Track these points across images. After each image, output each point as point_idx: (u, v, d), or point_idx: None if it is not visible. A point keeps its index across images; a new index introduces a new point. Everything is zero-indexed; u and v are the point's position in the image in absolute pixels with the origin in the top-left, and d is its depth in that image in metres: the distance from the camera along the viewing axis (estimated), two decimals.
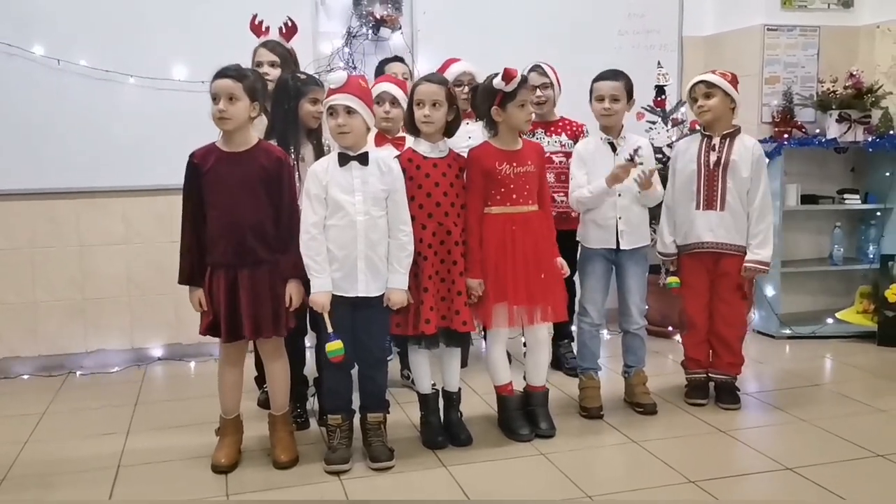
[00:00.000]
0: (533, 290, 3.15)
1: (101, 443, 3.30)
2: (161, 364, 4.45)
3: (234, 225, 2.88)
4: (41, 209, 4.28)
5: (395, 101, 3.43)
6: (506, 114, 3.12)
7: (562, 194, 3.87)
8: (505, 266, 3.12)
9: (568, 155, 3.98)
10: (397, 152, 3.25)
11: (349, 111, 2.88)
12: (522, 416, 3.30)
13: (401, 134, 3.49)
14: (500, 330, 3.22)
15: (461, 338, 3.16)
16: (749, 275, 3.50)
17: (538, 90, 3.89)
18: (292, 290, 2.96)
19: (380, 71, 4.00)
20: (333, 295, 2.91)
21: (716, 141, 3.53)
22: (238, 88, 2.85)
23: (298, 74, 3.37)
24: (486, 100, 3.14)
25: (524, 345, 3.73)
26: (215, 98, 2.85)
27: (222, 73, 2.87)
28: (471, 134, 3.57)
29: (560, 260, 3.27)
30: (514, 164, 3.14)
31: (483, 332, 3.37)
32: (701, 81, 3.51)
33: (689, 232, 3.58)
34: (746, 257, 3.48)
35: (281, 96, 3.27)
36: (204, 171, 2.88)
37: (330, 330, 2.89)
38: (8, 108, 4.15)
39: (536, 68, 3.98)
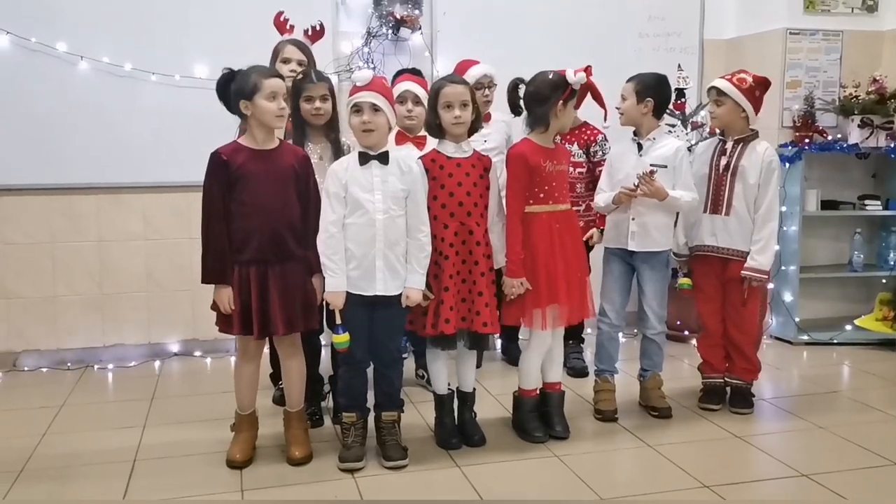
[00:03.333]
0: (576, 289, 3.18)
1: (117, 436, 3.33)
2: (177, 359, 4.48)
3: (270, 221, 2.89)
4: (61, 205, 4.32)
5: (417, 100, 3.45)
6: (564, 111, 3.13)
7: None
8: (556, 267, 3.12)
9: (575, 165, 3.97)
10: (418, 152, 3.26)
11: (375, 109, 2.90)
12: (537, 417, 3.29)
13: (422, 133, 3.50)
14: (545, 335, 3.20)
15: (482, 340, 3.15)
16: (748, 283, 3.47)
17: None
18: (317, 284, 2.98)
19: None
20: (351, 294, 2.92)
21: (728, 145, 3.52)
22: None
23: (300, 73, 3.38)
24: (551, 94, 3.10)
25: None
26: (274, 96, 2.88)
27: (275, 73, 2.96)
28: (486, 137, 3.56)
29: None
30: (554, 162, 3.15)
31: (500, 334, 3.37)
32: (713, 87, 3.50)
33: (696, 235, 3.59)
34: (745, 264, 3.46)
35: (293, 97, 3.29)
36: (234, 168, 2.88)
37: (339, 322, 2.91)
38: (30, 103, 4.19)
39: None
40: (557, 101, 3.10)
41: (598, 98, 3.95)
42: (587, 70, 3.10)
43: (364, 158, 2.93)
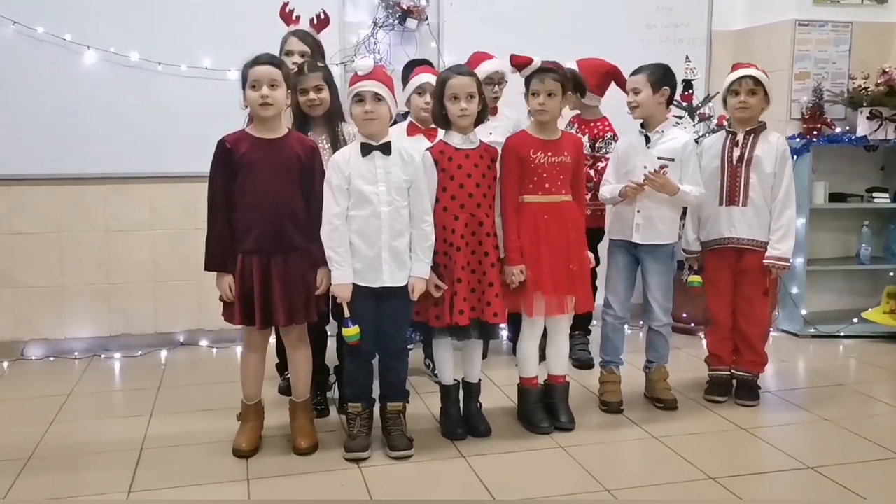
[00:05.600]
0: (561, 280, 3.15)
1: (124, 426, 3.34)
2: (184, 349, 4.49)
3: (271, 211, 2.88)
4: (68, 195, 4.32)
5: None
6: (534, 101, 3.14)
7: None
8: (538, 255, 3.12)
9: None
10: (428, 143, 3.25)
11: (378, 98, 2.89)
12: (542, 408, 3.29)
13: (433, 126, 3.49)
14: (537, 322, 3.22)
15: (491, 329, 3.16)
16: (776, 273, 3.46)
17: None
18: (324, 275, 2.97)
19: (408, 71, 3.93)
20: (357, 286, 2.92)
21: (740, 137, 3.51)
22: (279, 75, 2.88)
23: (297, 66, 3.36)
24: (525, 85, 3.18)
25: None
26: (255, 84, 2.84)
27: (263, 61, 2.88)
28: (492, 130, 3.56)
29: (588, 252, 3.27)
30: (550, 154, 3.14)
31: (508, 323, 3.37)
32: (749, 77, 3.45)
33: (711, 228, 3.57)
34: (767, 253, 3.45)
35: (292, 90, 3.26)
36: (237, 157, 2.88)
37: (347, 315, 2.91)
38: (37, 94, 4.19)
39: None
40: (527, 93, 3.16)
41: (622, 84, 3.94)
42: (518, 58, 3.14)
43: (366, 149, 2.92)
